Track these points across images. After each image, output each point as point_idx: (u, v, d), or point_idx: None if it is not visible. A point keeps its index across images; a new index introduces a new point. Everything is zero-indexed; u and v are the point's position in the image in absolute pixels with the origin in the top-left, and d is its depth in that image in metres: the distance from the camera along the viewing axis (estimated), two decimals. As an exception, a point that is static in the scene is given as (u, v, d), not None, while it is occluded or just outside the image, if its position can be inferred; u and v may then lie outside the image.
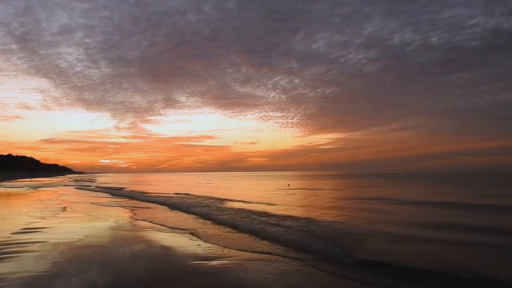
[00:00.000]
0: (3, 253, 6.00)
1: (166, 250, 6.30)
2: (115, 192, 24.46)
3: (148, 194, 20.69)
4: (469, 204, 13.46)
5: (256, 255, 5.89)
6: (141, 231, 8.38)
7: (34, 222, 9.46)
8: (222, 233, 8.08)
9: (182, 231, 8.25)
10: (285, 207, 12.74)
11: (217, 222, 9.75)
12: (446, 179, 46.22)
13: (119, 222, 9.73)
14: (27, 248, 6.33)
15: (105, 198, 19.32)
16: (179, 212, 12.48)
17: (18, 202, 16.57)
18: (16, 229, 8.31)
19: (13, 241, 6.95)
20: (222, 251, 6.19)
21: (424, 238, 6.79)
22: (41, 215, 11.08)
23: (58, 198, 18.51)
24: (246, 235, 7.68)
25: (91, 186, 34.63)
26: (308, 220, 8.95)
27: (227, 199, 15.97)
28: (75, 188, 31.23)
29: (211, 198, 16.78)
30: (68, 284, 4.43)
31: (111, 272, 4.91)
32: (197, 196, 17.89)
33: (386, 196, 17.77)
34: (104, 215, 11.49)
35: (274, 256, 5.85)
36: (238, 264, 5.33)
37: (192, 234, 7.88)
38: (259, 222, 9.00)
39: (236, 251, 6.19)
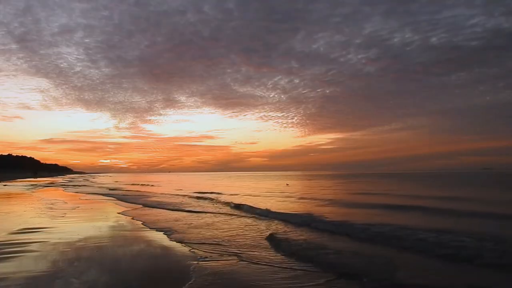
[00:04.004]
0: (4, 253, 6.05)
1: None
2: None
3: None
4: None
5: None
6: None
7: (32, 222, 9.53)
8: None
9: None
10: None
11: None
12: (428, 179, 45.63)
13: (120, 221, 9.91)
14: (27, 248, 6.38)
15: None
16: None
17: (18, 202, 16.62)
18: (15, 229, 8.36)
19: (13, 241, 7.00)
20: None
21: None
22: (39, 215, 11.16)
23: (51, 199, 18.61)
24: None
25: (85, 186, 34.74)
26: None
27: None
28: (64, 189, 31.32)
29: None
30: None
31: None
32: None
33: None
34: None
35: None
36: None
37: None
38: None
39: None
